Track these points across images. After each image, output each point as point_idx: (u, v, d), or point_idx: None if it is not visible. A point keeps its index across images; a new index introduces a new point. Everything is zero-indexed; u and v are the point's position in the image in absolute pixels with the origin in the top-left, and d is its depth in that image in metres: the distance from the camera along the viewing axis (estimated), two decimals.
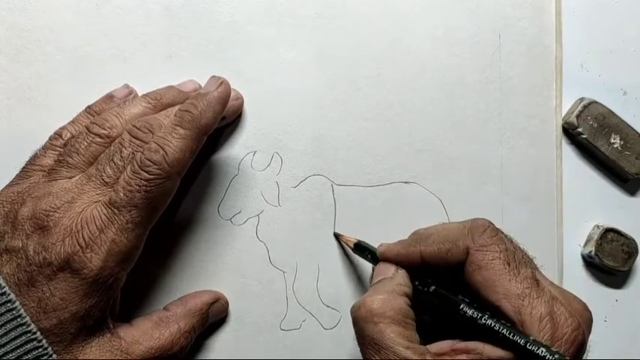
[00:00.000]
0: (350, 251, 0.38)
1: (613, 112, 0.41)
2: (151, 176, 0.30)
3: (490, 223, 0.33)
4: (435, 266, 0.33)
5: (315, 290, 0.38)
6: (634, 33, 0.43)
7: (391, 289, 0.32)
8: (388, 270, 0.34)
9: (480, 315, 0.30)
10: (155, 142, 0.31)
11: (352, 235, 0.38)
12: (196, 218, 0.38)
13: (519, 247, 0.33)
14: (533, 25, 0.41)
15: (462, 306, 0.31)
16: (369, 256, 0.36)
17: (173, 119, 0.33)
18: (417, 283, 0.33)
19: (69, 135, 0.34)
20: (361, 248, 0.37)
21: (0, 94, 0.37)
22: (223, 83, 0.35)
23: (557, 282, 0.40)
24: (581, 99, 0.41)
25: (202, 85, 0.37)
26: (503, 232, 0.33)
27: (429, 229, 0.34)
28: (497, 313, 0.30)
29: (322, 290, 0.38)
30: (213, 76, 0.36)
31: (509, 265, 0.31)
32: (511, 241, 0.33)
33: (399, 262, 0.34)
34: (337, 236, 0.39)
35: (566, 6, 0.42)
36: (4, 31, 0.37)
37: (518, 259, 0.32)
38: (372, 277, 0.37)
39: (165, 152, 0.31)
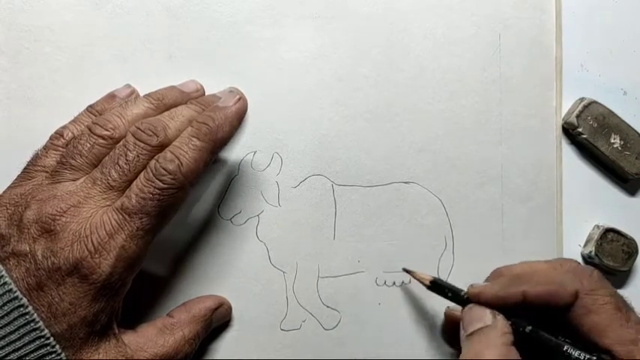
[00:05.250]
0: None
1: (613, 112, 0.41)
2: (165, 185, 0.30)
3: (581, 264, 0.34)
4: (532, 308, 0.32)
5: (315, 290, 0.38)
6: (634, 33, 0.43)
7: (500, 342, 0.31)
8: (484, 315, 0.33)
9: (587, 357, 0.30)
10: (171, 152, 0.31)
11: (425, 273, 0.37)
12: (196, 218, 0.38)
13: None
14: (533, 25, 0.41)
15: (565, 347, 0.31)
16: (449, 294, 0.35)
17: (190, 130, 0.32)
18: (510, 323, 0.32)
19: (70, 134, 0.33)
20: (439, 287, 0.36)
21: (0, 94, 0.37)
22: (242, 99, 0.35)
23: None
24: (581, 99, 0.41)
25: (204, 86, 0.37)
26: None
27: (523, 269, 0.35)
28: (607, 357, 0.30)
29: (322, 290, 0.38)
30: (231, 90, 0.36)
31: (620, 310, 0.31)
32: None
33: (495, 304, 0.33)
34: (408, 272, 0.38)
35: (566, 6, 0.42)
36: (4, 31, 0.37)
37: (626, 304, 0.32)
38: (446, 318, 0.37)
39: (181, 162, 0.31)
